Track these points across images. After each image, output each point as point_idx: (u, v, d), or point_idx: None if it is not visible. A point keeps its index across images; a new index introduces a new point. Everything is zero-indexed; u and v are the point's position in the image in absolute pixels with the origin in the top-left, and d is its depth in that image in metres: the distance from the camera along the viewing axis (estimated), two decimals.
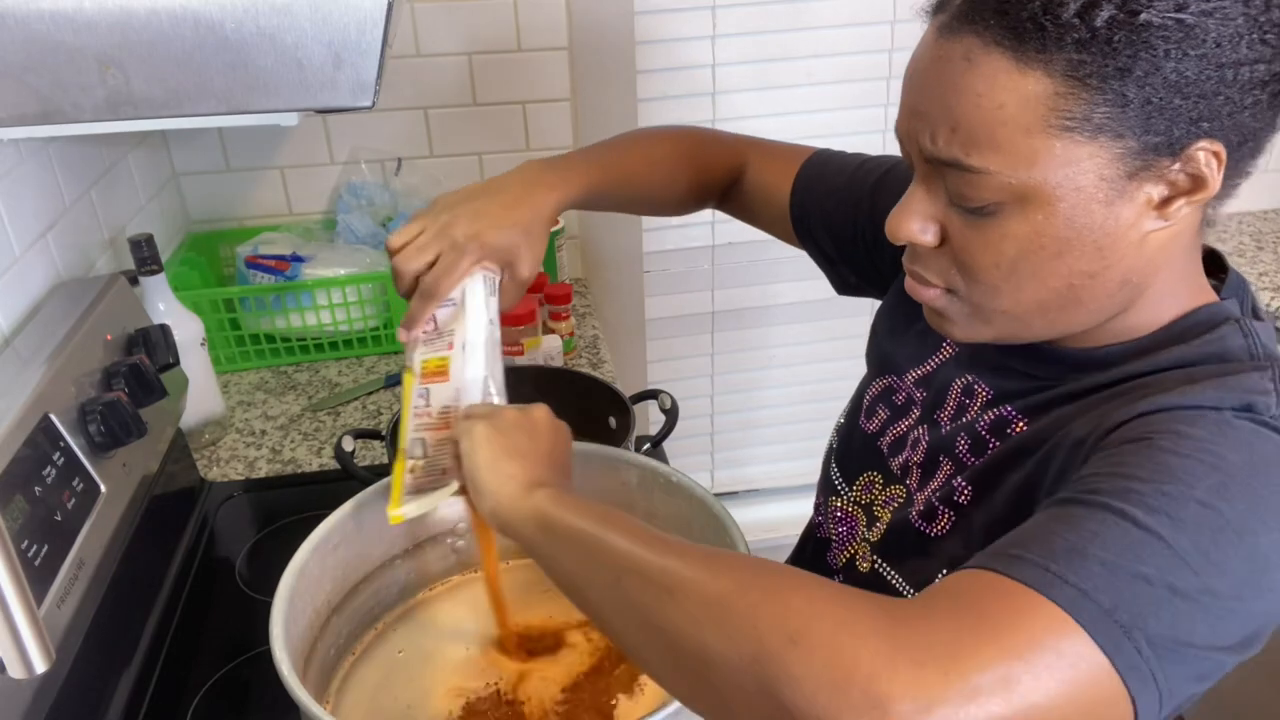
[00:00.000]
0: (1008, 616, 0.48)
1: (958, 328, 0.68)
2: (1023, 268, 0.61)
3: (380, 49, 0.76)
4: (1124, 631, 0.48)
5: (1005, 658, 0.46)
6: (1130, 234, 0.60)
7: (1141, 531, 0.51)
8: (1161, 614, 0.50)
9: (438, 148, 1.68)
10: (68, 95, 0.75)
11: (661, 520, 0.82)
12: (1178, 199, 0.58)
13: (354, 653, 0.80)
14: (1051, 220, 0.59)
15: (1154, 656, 0.49)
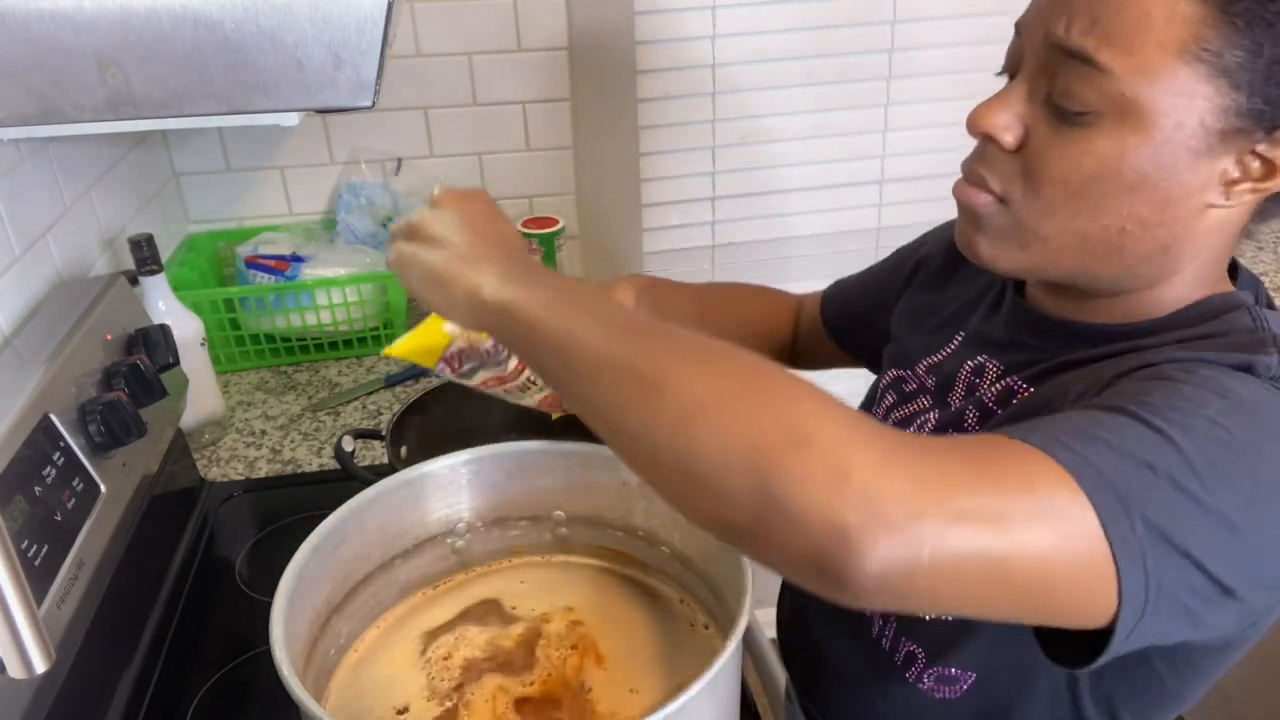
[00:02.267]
0: (1011, 463, 0.49)
1: (987, 246, 0.67)
2: (1090, 191, 0.60)
3: (380, 49, 0.76)
4: (1121, 504, 0.48)
5: (1000, 494, 0.47)
6: (1195, 198, 0.60)
7: (1151, 431, 0.51)
8: (1162, 503, 0.49)
9: (438, 148, 1.68)
10: (68, 95, 0.75)
11: (661, 520, 0.82)
12: (1245, 181, 0.59)
13: (354, 652, 0.80)
14: (1141, 147, 0.58)
15: (1147, 539, 0.49)
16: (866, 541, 0.44)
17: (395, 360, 1.51)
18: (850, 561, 0.44)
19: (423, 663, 0.78)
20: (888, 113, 1.82)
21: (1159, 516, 0.49)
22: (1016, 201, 0.64)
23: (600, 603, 0.83)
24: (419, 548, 0.84)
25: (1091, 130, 0.59)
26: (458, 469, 0.84)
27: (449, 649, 0.79)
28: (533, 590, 0.85)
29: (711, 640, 0.78)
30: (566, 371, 0.55)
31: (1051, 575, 0.48)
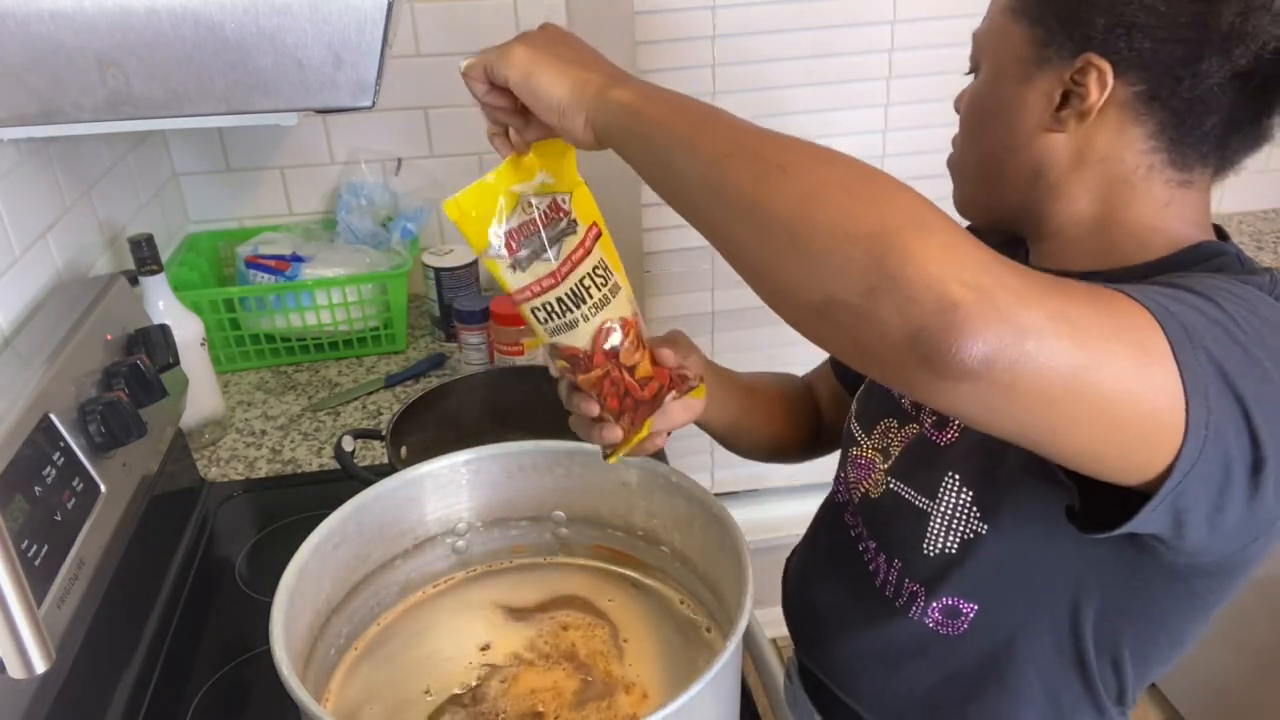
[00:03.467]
0: (1098, 291, 0.52)
1: (952, 190, 0.80)
2: (970, 124, 0.75)
3: (380, 49, 0.76)
4: (1188, 336, 0.51)
5: (1093, 307, 0.50)
6: (1030, 122, 0.69)
7: (1196, 297, 0.55)
8: (1218, 341, 0.52)
9: (438, 148, 1.68)
10: (68, 95, 0.75)
11: (661, 520, 0.82)
12: (1066, 106, 0.66)
13: (354, 652, 0.80)
14: (986, 84, 0.73)
15: (1209, 370, 0.51)
16: (975, 319, 0.45)
17: (395, 361, 1.52)
18: (955, 337, 0.45)
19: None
20: (888, 113, 1.82)
21: (1218, 351, 0.52)
22: (956, 149, 0.80)
23: (600, 603, 0.83)
24: (419, 548, 0.84)
25: (974, 79, 0.75)
26: (458, 469, 0.84)
27: None
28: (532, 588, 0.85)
29: (711, 640, 0.78)
30: (690, 159, 0.56)
31: (1128, 395, 0.50)
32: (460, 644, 0.80)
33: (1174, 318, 0.52)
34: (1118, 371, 0.49)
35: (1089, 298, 0.51)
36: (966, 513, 0.71)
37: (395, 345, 1.54)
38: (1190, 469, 0.52)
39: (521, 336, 1.34)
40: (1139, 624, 0.71)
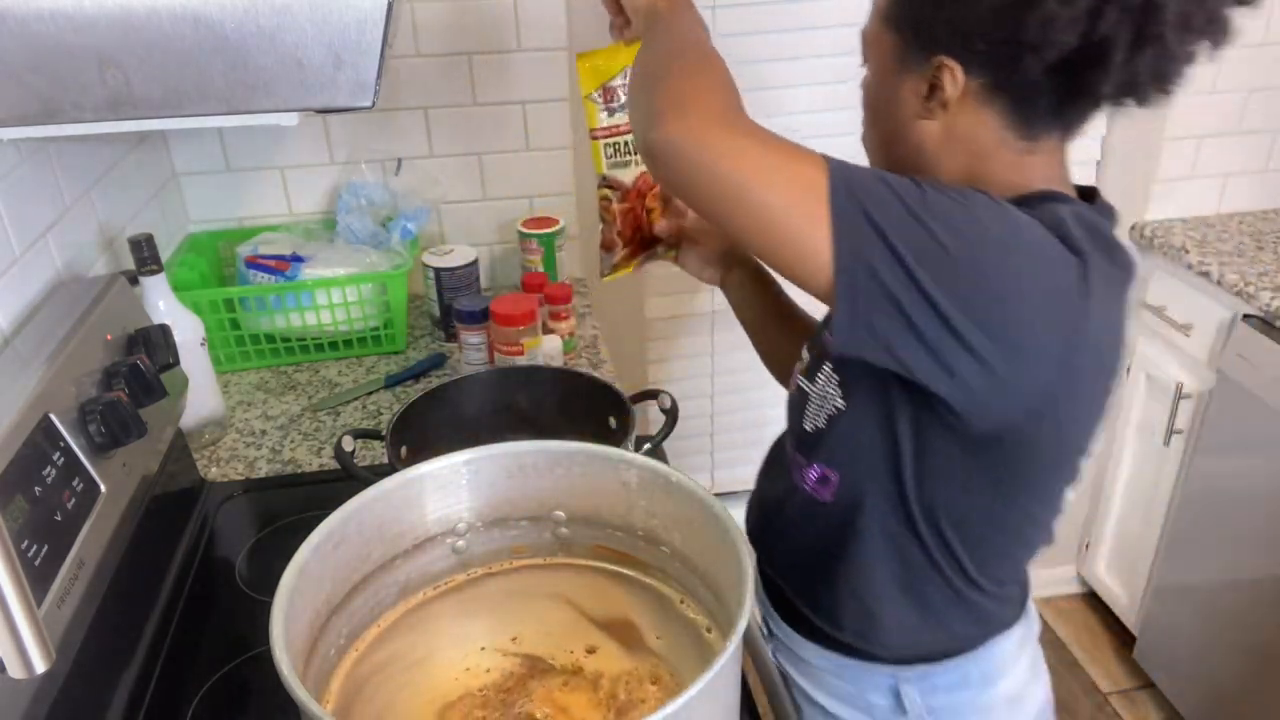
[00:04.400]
0: (786, 145, 0.73)
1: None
2: (867, 112, 0.88)
3: (380, 49, 0.76)
4: (851, 193, 0.70)
5: (773, 153, 0.72)
6: (906, 112, 0.82)
7: (909, 182, 0.72)
8: (887, 207, 0.70)
9: (438, 148, 1.68)
10: (68, 95, 0.75)
11: (661, 520, 0.82)
12: (931, 99, 0.80)
13: (354, 652, 0.80)
14: (873, 80, 0.86)
15: (864, 224, 0.69)
16: (666, 124, 0.73)
17: (395, 360, 1.52)
18: (650, 132, 0.74)
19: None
20: None
21: (880, 212, 0.69)
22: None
23: (600, 603, 0.83)
24: (419, 548, 0.84)
25: (866, 71, 0.87)
26: (458, 469, 0.84)
27: None
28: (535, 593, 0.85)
29: (712, 640, 0.78)
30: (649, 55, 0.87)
31: (778, 221, 0.71)
32: (460, 644, 0.80)
33: (848, 179, 0.70)
34: (769, 200, 0.70)
35: (777, 146, 0.72)
36: (833, 392, 0.86)
37: (395, 345, 1.54)
38: (850, 291, 0.70)
39: (521, 336, 1.34)
40: (947, 492, 0.83)
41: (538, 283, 1.50)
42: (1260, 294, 1.68)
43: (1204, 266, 1.81)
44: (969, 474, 0.81)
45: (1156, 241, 1.94)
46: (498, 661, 0.78)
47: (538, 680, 0.76)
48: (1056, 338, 0.72)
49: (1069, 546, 2.37)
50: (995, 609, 0.92)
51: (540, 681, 0.76)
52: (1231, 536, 1.81)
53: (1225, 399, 1.78)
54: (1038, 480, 0.84)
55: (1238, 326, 1.73)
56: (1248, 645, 1.80)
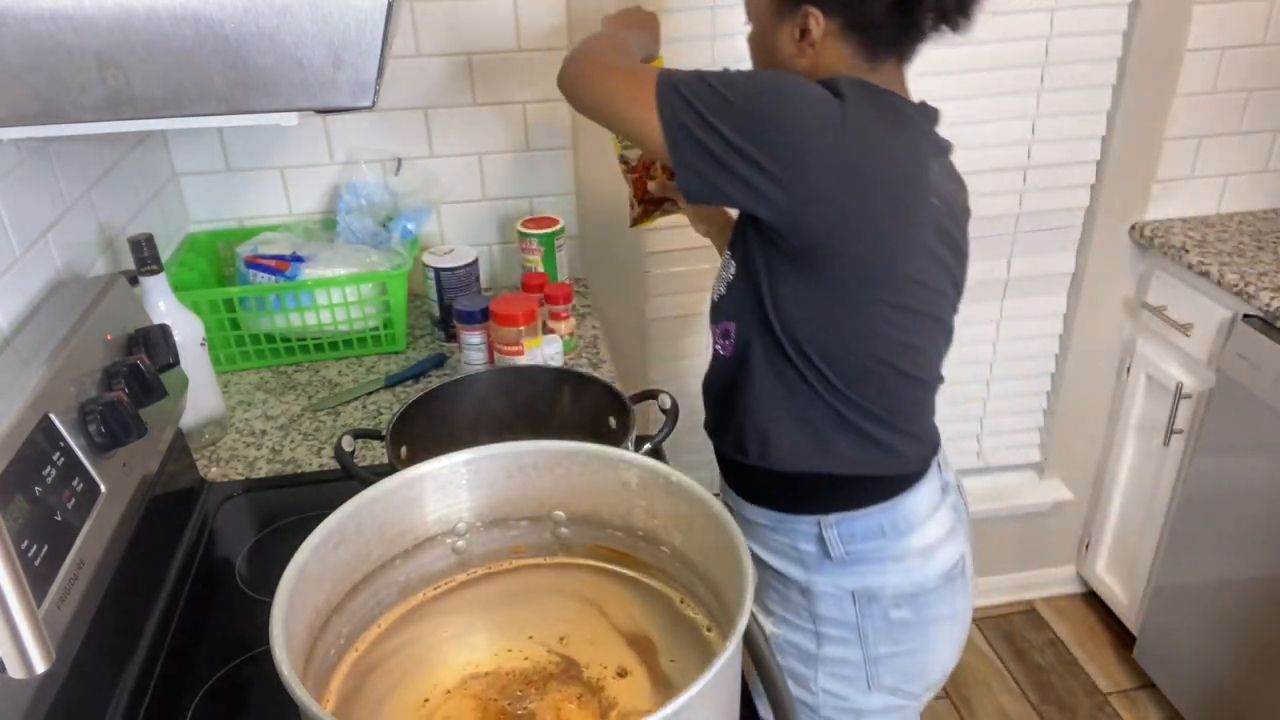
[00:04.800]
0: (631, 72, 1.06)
1: None
2: (754, 57, 1.13)
3: (380, 49, 0.76)
4: (673, 86, 0.99)
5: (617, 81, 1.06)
6: (787, 53, 1.06)
7: (719, 72, 1.00)
8: (696, 88, 0.98)
9: (438, 148, 1.68)
10: (68, 95, 0.75)
11: (661, 520, 0.82)
12: (804, 39, 1.04)
13: (354, 652, 0.80)
14: (756, 33, 1.11)
15: (678, 100, 0.98)
16: (565, 74, 1.10)
17: (395, 360, 1.52)
18: (559, 80, 1.11)
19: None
20: None
21: (690, 90, 0.98)
22: None
23: (600, 603, 0.83)
24: (419, 548, 0.84)
25: (750, 28, 1.11)
26: (458, 469, 0.84)
27: None
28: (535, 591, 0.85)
29: (712, 640, 0.78)
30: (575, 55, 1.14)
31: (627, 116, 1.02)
32: (460, 644, 0.80)
33: (669, 77, 1.00)
34: (618, 105, 1.03)
35: (624, 75, 1.05)
36: (728, 265, 1.11)
37: (395, 345, 1.54)
38: (676, 149, 0.98)
39: (521, 337, 1.34)
40: (798, 315, 1.04)
41: (538, 283, 1.50)
42: (1260, 294, 1.68)
43: (1204, 266, 1.81)
44: (806, 293, 1.03)
45: (1156, 241, 1.94)
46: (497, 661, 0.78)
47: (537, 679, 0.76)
48: (825, 156, 0.95)
49: (1069, 546, 2.37)
50: (886, 439, 1.09)
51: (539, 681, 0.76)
52: (1231, 536, 1.81)
53: (1225, 399, 1.78)
54: (859, 293, 1.02)
55: (1238, 326, 1.73)
56: (1248, 645, 1.80)
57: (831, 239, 0.98)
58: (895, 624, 1.12)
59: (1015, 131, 1.89)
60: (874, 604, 1.11)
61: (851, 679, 1.15)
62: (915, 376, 1.09)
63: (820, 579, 1.12)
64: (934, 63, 1.80)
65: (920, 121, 1.05)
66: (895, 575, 1.11)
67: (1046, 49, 1.82)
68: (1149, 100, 1.87)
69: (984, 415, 2.17)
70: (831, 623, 1.13)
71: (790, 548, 1.14)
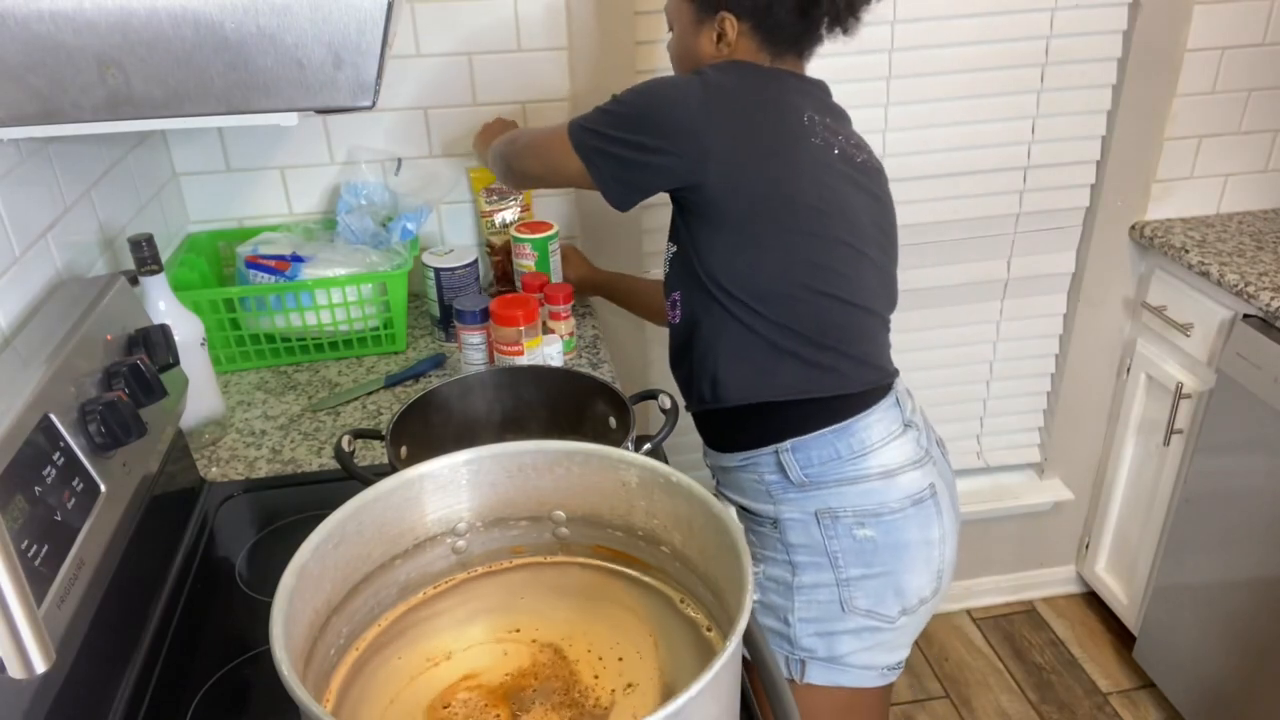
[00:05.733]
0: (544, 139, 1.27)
1: None
2: (676, 62, 1.30)
3: (380, 49, 0.76)
4: (582, 126, 1.19)
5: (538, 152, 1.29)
6: (705, 53, 1.23)
7: (614, 101, 1.18)
8: (594, 118, 1.19)
9: (438, 148, 1.68)
10: (68, 95, 0.75)
11: (661, 520, 0.82)
12: (722, 41, 1.21)
13: (354, 652, 0.80)
14: (678, 38, 1.28)
15: (584, 134, 1.18)
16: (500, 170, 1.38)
17: (395, 360, 1.51)
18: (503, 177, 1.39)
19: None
20: (888, 113, 1.82)
21: (588, 122, 1.19)
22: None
23: (600, 603, 0.83)
24: (419, 548, 0.84)
25: (671, 34, 1.29)
26: (458, 469, 0.84)
27: None
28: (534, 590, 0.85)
29: (711, 640, 0.78)
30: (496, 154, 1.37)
31: (559, 170, 1.23)
32: (460, 644, 0.80)
33: (574, 121, 1.19)
34: (548, 162, 1.24)
35: (541, 140, 1.26)
36: (669, 248, 1.27)
37: (395, 345, 1.54)
38: (594, 169, 1.18)
39: (521, 337, 1.34)
40: (720, 260, 1.18)
41: (537, 283, 1.50)
42: (1260, 294, 1.68)
43: (1204, 266, 1.81)
44: (726, 241, 1.17)
45: (1156, 241, 1.94)
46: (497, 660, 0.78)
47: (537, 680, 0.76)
48: (698, 118, 1.13)
49: (1069, 546, 2.37)
50: (826, 361, 1.19)
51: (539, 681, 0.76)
52: (1231, 536, 1.81)
53: (1225, 399, 1.78)
54: (769, 228, 1.16)
55: (1238, 326, 1.73)
56: (1248, 645, 1.80)
57: (730, 184, 1.14)
58: (863, 544, 1.19)
59: (1015, 131, 1.89)
60: (837, 523, 1.19)
61: (826, 603, 1.22)
62: (843, 299, 1.19)
63: (785, 507, 1.22)
64: (934, 63, 1.82)
65: (798, 84, 1.21)
66: (855, 496, 1.19)
67: (1046, 49, 1.82)
68: (1149, 100, 1.87)
69: (984, 415, 2.17)
70: (802, 549, 1.21)
71: (757, 482, 1.24)
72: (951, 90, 1.83)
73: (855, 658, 1.24)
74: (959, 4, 1.75)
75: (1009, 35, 1.79)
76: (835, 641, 1.23)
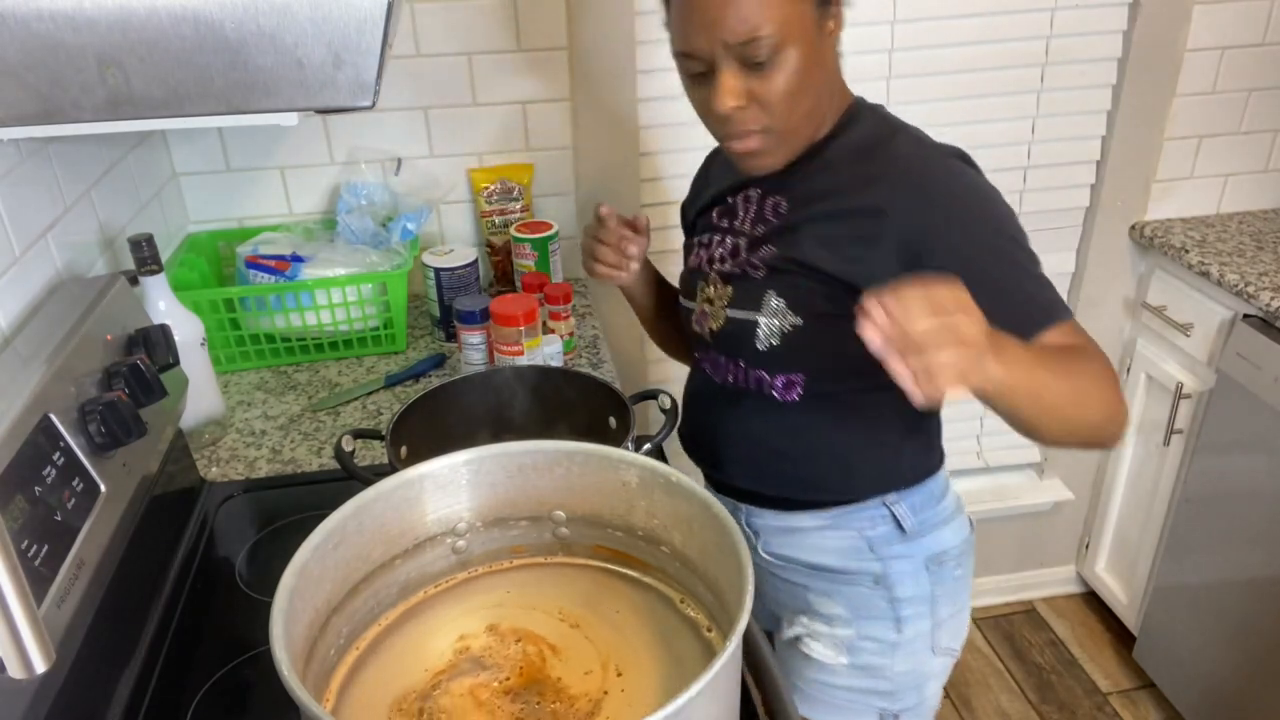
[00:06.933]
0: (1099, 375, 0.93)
1: (771, 157, 1.03)
2: (798, 87, 0.97)
3: (380, 49, 0.76)
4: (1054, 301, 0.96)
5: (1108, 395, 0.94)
6: (828, 53, 1.01)
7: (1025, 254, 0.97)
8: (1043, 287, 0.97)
9: (438, 148, 1.68)
10: (68, 95, 0.75)
11: (661, 520, 0.82)
12: (837, 30, 0.99)
13: (354, 652, 0.80)
14: (801, 52, 0.95)
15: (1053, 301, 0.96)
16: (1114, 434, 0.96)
17: (395, 360, 1.51)
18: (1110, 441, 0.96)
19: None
20: None
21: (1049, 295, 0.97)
22: (775, 124, 0.99)
23: (600, 603, 0.83)
24: (419, 547, 0.84)
25: (779, 61, 0.95)
26: (458, 469, 0.84)
27: None
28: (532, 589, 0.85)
29: (711, 640, 0.78)
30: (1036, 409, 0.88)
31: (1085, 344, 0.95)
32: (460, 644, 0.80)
33: (1051, 304, 0.96)
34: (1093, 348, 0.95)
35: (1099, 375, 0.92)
36: (783, 314, 1.04)
37: (395, 345, 1.54)
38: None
39: (521, 337, 1.34)
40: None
41: (537, 283, 1.50)
42: (1260, 294, 1.68)
43: (1204, 266, 1.81)
44: None
45: (1156, 241, 1.94)
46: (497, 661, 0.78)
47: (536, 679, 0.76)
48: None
49: (1069, 546, 2.37)
50: (932, 432, 1.15)
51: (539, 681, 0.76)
52: (1231, 536, 1.81)
53: (1225, 399, 1.78)
54: None
55: (1238, 326, 1.73)
56: (1248, 645, 1.80)
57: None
58: (957, 583, 1.16)
59: (1015, 131, 1.89)
60: (942, 567, 1.14)
61: (920, 652, 1.16)
62: None
63: (894, 559, 1.12)
64: (934, 63, 1.82)
65: None
66: (951, 534, 1.15)
67: (1046, 49, 1.82)
68: (1149, 100, 1.87)
69: (984, 415, 2.17)
70: (909, 602, 1.13)
71: (856, 538, 1.13)
72: (952, 90, 1.83)
73: (935, 698, 1.22)
74: (959, 4, 1.75)
75: (1009, 35, 1.78)
76: (925, 687, 1.20)
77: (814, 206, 1.03)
